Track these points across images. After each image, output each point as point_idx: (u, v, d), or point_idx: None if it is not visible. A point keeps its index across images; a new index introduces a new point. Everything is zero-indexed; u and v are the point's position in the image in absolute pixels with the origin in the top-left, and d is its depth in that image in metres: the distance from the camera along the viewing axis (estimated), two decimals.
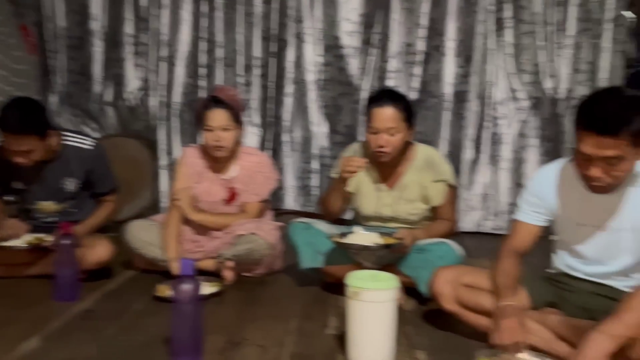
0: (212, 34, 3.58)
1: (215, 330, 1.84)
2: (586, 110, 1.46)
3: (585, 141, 1.44)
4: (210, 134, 2.41)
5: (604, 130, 1.39)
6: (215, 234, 2.50)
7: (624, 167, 1.43)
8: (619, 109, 1.40)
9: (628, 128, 1.38)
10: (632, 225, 1.55)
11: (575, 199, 1.64)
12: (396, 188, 2.32)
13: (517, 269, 1.69)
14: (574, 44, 3.44)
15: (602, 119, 1.40)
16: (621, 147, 1.40)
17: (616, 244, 1.59)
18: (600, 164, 1.44)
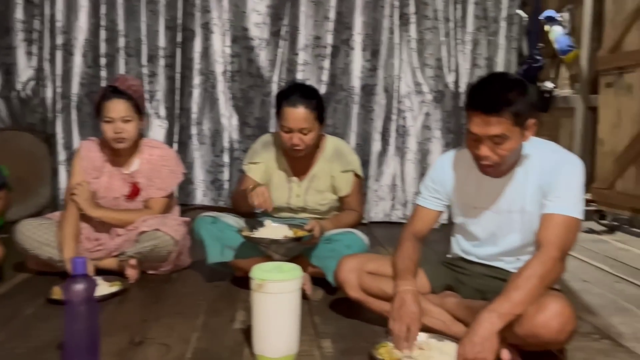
0: (113, 22, 3.41)
1: (116, 331, 1.76)
2: (473, 92, 1.57)
3: (473, 121, 1.53)
4: (109, 126, 2.30)
5: (488, 109, 1.49)
6: (117, 231, 2.39)
7: (508, 145, 1.53)
8: (502, 90, 1.50)
9: (510, 107, 1.48)
10: (520, 206, 1.65)
11: (470, 183, 1.73)
12: (306, 179, 2.34)
13: (417, 253, 1.75)
14: (473, 40, 3.62)
15: (487, 98, 1.50)
16: (505, 126, 1.49)
17: (506, 225, 1.69)
18: (487, 142, 1.53)
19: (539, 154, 1.63)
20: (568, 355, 1.61)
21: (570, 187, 1.56)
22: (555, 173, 1.58)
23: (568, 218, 1.53)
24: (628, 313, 2.02)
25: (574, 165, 1.60)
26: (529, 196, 1.63)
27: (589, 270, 2.64)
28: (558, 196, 1.55)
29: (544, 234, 1.53)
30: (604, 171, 3.66)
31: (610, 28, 3.63)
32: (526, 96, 1.52)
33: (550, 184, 1.58)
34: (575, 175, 1.58)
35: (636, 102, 3.39)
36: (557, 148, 1.69)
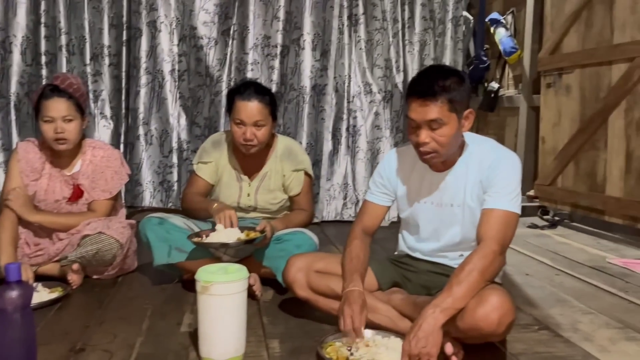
0: (54, 19, 3.29)
1: (55, 338, 1.70)
2: (412, 81, 1.65)
3: (412, 108, 1.60)
4: (49, 126, 2.22)
5: (425, 93, 1.56)
6: (59, 235, 2.31)
7: (446, 131, 1.58)
8: (439, 77, 1.58)
9: (446, 93, 1.55)
10: (461, 200, 1.70)
11: (415, 177, 1.78)
12: (257, 178, 2.33)
13: (366, 251, 1.78)
14: (420, 41, 3.69)
15: (424, 84, 1.58)
16: (441, 110, 1.55)
17: (448, 219, 1.73)
18: (426, 128, 1.58)
19: (478, 150, 1.69)
20: (508, 347, 1.66)
21: (508, 183, 1.61)
22: (494, 169, 1.63)
23: (507, 213, 1.59)
24: (566, 304, 2.10)
25: (511, 161, 1.66)
26: (469, 190, 1.68)
27: (532, 264, 2.73)
28: (497, 192, 1.61)
29: (484, 228, 1.58)
30: (546, 168, 3.80)
31: (550, 30, 3.77)
32: (462, 85, 1.59)
33: (490, 179, 1.63)
34: (513, 171, 1.64)
35: (575, 101, 3.54)
36: (495, 145, 1.74)
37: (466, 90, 1.62)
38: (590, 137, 3.38)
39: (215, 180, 2.36)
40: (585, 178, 3.45)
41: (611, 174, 3.23)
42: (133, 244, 2.38)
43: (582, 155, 3.47)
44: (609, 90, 3.23)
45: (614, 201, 3.18)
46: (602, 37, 3.30)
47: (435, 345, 1.41)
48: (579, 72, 3.49)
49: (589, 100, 3.42)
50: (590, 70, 3.39)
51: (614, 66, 3.20)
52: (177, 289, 2.22)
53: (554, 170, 3.70)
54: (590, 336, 1.77)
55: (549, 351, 1.65)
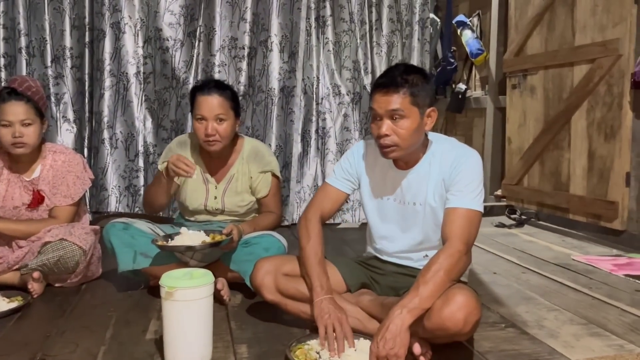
0: (13, 20, 3.19)
1: (14, 349, 1.64)
2: (379, 77, 1.69)
3: (375, 99, 1.63)
4: (7, 130, 2.15)
5: (388, 85, 1.60)
6: (19, 243, 2.25)
7: (407, 124, 1.60)
8: (402, 71, 1.62)
9: (408, 86, 1.59)
10: (423, 199, 1.71)
11: (378, 172, 1.79)
12: (224, 180, 2.30)
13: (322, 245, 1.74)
14: (388, 42, 3.71)
15: (388, 77, 1.63)
16: (403, 102, 1.59)
17: (410, 218, 1.74)
18: (387, 120, 1.61)
19: (440, 149, 1.71)
20: (475, 345, 1.68)
21: (470, 181, 1.63)
22: (455, 167, 1.65)
23: (470, 211, 1.60)
24: (532, 302, 2.13)
25: (473, 160, 1.67)
26: (432, 189, 1.69)
27: (499, 262, 2.77)
28: (460, 190, 1.62)
29: (449, 228, 1.59)
30: (512, 168, 3.87)
31: (514, 33, 3.84)
32: (426, 82, 1.63)
33: (452, 178, 1.64)
34: (475, 169, 1.66)
35: (539, 102, 3.61)
36: (457, 143, 1.76)
37: (429, 88, 1.64)
38: (554, 137, 3.45)
39: (181, 182, 2.32)
40: (550, 177, 3.52)
41: (574, 173, 3.31)
42: (97, 250, 2.33)
43: (547, 155, 3.54)
44: (571, 91, 3.30)
45: (578, 199, 3.25)
46: (564, 39, 3.38)
47: (403, 346, 1.41)
48: (543, 74, 3.56)
49: (552, 101, 3.49)
50: (553, 71, 3.47)
51: (575, 67, 3.28)
52: (143, 295, 2.17)
53: (520, 170, 3.76)
54: (556, 332, 1.80)
55: (515, 348, 1.67)
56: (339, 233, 3.32)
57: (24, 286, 2.14)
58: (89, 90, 3.35)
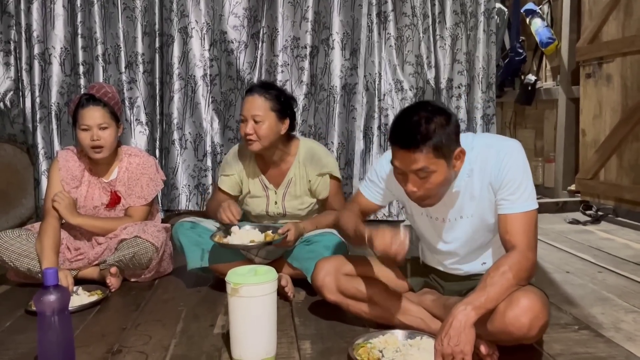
0: (90, 30, 3.39)
1: (94, 340, 1.75)
2: (393, 126, 1.51)
3: (395, 156, 1.49)
4: (86, 134, 2.29)
5: (407, 144, 1.44)
6: (98, 240, 2.39)
7: (435, 179, 1.48)
8: (420, 123, 1.43)
9: (429, 141, 1.43)
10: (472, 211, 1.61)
11: None
12: (282, 185, 2.32)
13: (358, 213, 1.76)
14: (452, 35, 3.62)
15: (405, 133, 1.45)
16: (427, 160, 1.44)
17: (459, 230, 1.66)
18: (413, 177, 1.49)
19: (476, 154, 1.58)
20: (545, 347, 1.61)
21: (520, 181, 1.53)
22: (500, 167, 1.54)
23: (527, 214, 1.52)
24: (608, 303, 2.02)
25: (515, 154, 1.56)
26: (478, 197, 1.59)
27: (572, 261, 2.65)
28: (512, 193, 1.52)
29: (511, 234, 1.51)
30: (587, 162, 3.68)
31: (589, 19, 3.65)
32: (448, 126, 1.46)
33: (499, 179, 1.54)
34: (519, 164, 1.55)
35: (616, 92, 3.41)
36: (491, 139, 1.64)
37: (453, 129, 1.48)
38: (634, 128, 3.25)
39: (238, 192, 2.35)
40: (629, 171, 3.32)
41: None
42: (169, 247, 2.44)
43: (625, 147, 3.34)
44: None
45: None
46: None
47: (469, 343, 1.36)
48: (620, 61, 3.36)
49: (630, 90, 3.28)
50: (632, 58, 3.26)
51: None
52: (211, 291, 2.25)
53: (595, 163, 3.57)
54: (634, 336, 1.70)
55: (589, 352, 1.60)
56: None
57: (102, 281, 2.27)
58: (160, 93, 3.50)
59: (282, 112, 2.22)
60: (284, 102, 2.24)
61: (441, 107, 1.52)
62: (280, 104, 2.21)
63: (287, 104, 2.25)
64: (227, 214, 2.07)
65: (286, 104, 2.24)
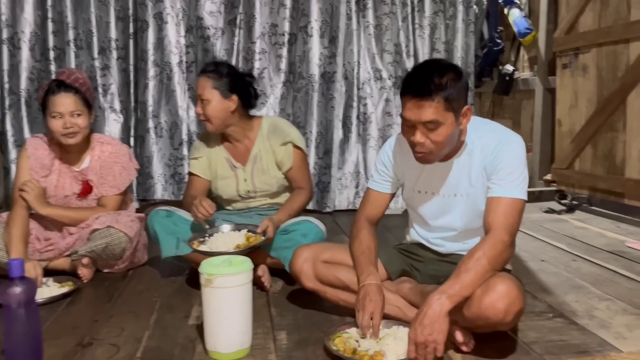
0: (61, 14, 3.29)
1: (64, 333, 1.70)
2: (407, 78, 1.55)
3: (406, 106, 1.51)
4: (58, 121, 2.22)
5: (421, 92, 1.47)
6: (69, 230, 2.32)
7: (443, 131, 1.50)
8: (434, 74, 1.48)
9: (442, 91, 1.46)
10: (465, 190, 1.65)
11: (413, 167, 1.72)
12: (249, 162, 2.31)
13: (374, 240, 1.74)
14: (431, 24, 3.61)
15: (419, 82, 1.48)
16: (437, 111, 1.47)
17: (450, 208, 1.69)
18: (421, 128, 1.51)
19: (480, 136, 1.62)
20: (521, 335, 1.62)
21: (513, 169, 1.55)
22: (497, 154, 1.57)
23: (514, 200, 1.53)
24: (582, 291, 2.05)
25: (514, 145, 1.59)
26: (474, 179, 1.63)
27: (548, 249, 2.67)
28: (502, 179, 1.55)
29: (492, 217, 1.53)
30: (563, 151, 3.71)
31: (565, 10, 3.66)
32: (459, 81, 1.50)
33: (494, 165, 1.57)
34: (517, 155, 1.58)
35: (591, 82, 3.44)
36: (499, 128, 1.67)
37: (464, 86, 1.53)
38: (608, 118, 3.28)
39: (210, 175, 2.35)
40: (603, 160, 3.36)
41: (630, 156, 3.14)
42: (143, 237, 2.39)
43: (600, 137, 3.38)
44: (627, 69, 3.13)
45: (634, 183, 3.09)
46: (619, 14, 3.19)
47: (442, 332, 1.37)
48: (596, 52, 3.38)
49: (606, 80, 3.32)
50: (607, 49, 3.29)
51: (631, 44, 3.10)
52: (187, 281, 2.21)
53: (571, 153, 3.61)
54: (607, 323, 1.72)
55: (563, 339, 1.61)
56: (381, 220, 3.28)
57: (74, 272, 2.22)
58: (134, 80, 3.43)
59: (226, 89, 2.20)
60: (230, 79, 2.22)
61: (452, 63, 1.57)
62: (224, 82, 2.20)
63: (235, 81, 2.23)
64: (200, 211, 2.05)
65: (233, 81, 2.22)
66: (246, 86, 2.29)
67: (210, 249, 1.97)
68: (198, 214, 2.06)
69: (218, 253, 1.88)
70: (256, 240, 2.02)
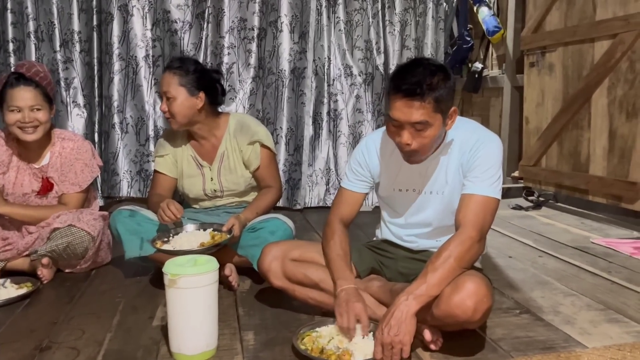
0: (21, 5, 3.17)
1: (21, 336, 1.64)
2: (396, 77, 1.51)
3: (395, 107, 1.49)
4: (16, 115, 2.13)
5: (411, 93, 1.44)
6: (29, 229, 2.25)
7: (430, 132, 1.49)
8: (425, 75, 1.46)
9: (432, 92, 1.44)
10: (442, 188, 1.65)
11: (393, 165, 1.71)
12: (216, 160, 2.27)
13: (347, 242, 1.72)
14: (401, 21, 3.60)
15: (410, 83, 1.45)
16: (427, 112, 1.45)
17: (426, 206, 1.69)
18: (409, 129, 1.49)
19: (459, 134, 1.62)
20: (488, 332, 1.63)
21: (488, 167, 1.56)
22: (474, 152, 1.58)
23: (486, 198, 1.53)
24: (548, 287, 2.07)
25: (492, 145, 1.60)
26: (450, 176, 1.63)
27: (515, 246, 2.70)
28: (477, 176, 1.55)
29: (463, 214, 1.53)
30: (530, 149, 3.77)
31: (533, 9, 3.71)
32: (448, 82, 1.49)
33: (470, 163, 1.58)
34: (494, 155, 1.58)
35: (558, 80, 3.49)
36: (476, 127, 1.68)
37: (451, 87, 1.51)
38: (574, 116, 3.34)
39: (176, 173, 2.30)
40: (568, 158, 3.42)
41: (594, 153, 3.20)
42: (106, 236, 2.32)
43: (565, 135, 3.43)
44: (592, 68, 3.18)
45: (598, 180, 3.15)
46: (585, 13, 3.25)
47: (408, 333, 1.37)
48: (562, 50, 3.44)
49: (572, 79, 3.37)
50: (573, 48, 3.34)
51: (596, 43, 3.16)
52: (152, 281, 2.16)
53: (537, 150, 3.66)
54: (572, 319, 1.74)
55: (529, 335, 1.62)
56: None
57: (33, 272, 2.14)
58: (98, 74, 3.33)
59: (193, 86, 2.15)
60: (197, 76, 2.16)
61: (441, 63, 1.55)
62: (190, 79, 2.15)
63: (202, 77, 2.18)
64: (168, 215, 1.98)
65: (200, 77, 2.17)
66: (213, 83, 2.24)
67: (174, 248, 1.92)
68: (165, 217, 1.99)
69: (183, 252, 1.83)
70: (222, 238, 1.98)
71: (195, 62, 2.25)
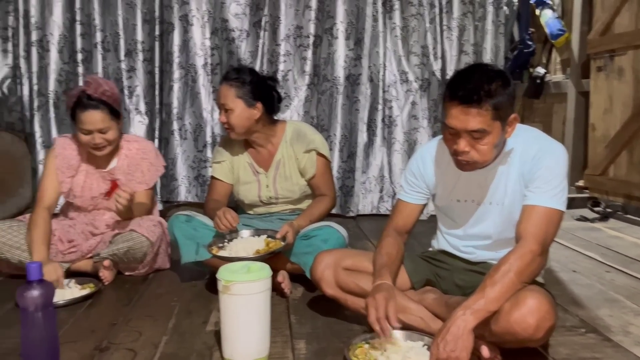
0: (89, 16, 3.32)
1: (82, 336, 1.69)
2: (453, 83, 1.47)
3: (451, 114, 1.44)
4: (87, 137, 2.21)
5: (468, 100, 1.40)
6: (93, 232, 2.33)
7: (488, 140, 1.44)
8: (483, 81, 1.41)
9: (490, 99, 1.40)
10: (501, 198, 1.59)
11: (450, 175, 1.65)
12: (272, 168, 2.28)
13: (397, 248, 1.68)
14: (459, 26, 3.53)
15: (467, 89, 1.41)
16: (485, 119, 1.41)
17: (486, 217, 1.62)
18: (466, 137, 1.44)
19: (520, 142, 1.55)
20: (551, 351, 1.54)
21: (552, 178, 1.48)
22: (537, 162, 1.51)
23: (549, 210, 1.46)
24: (617, 305, 1.95)
25: (556, 154, 1.52)
26: (510, 186, 1.56)
27: (580, 259, 2.57)
28: (539, 187, 1.48)
29: (524, 226, 1.46)
30: (596, 157, 3.59)
31: (601, 10, 3.54)
32: (507, 89, 1.43)
33: (532, 173, 1.51)
34: (558, 164, 1.50)
35: (627, 85, 3.31)
36: (539, 135, 1.61)
37: (511, 93, 1.45)
38: None
39: (232, 179, 2.33)
40: (639, 167, 3.23)
41: None
42: (164, 242, 2.36)
43: (636, 143, 3.24)
44: None
45: None
46: None
47: (465, 349, 1.31)
48: (632, 54, 3.25)
49: None
50: None
51: None
52: (207, 285, 2.19)
53: (605, 159, 3.48)
54: None
55: (596, 357, 1.52)
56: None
57: (96, 273, 2.22)
58: (159, 82, 3.44)
59: (250, 97, 2.16)
60: (253, 87, 2.17)
61: (500, 69, 1.50)
62: (247, 90, 2.16)
63: (258, 87, 2.19)
64: (224, 223, 2.00)
65: (257, 88, 2.18)
66: (270, 91, 2.25)
67: (229, 255, 1.94)
68: (221, 226, 2.02)
69: (237, 258, 1.85)
70: (276, 245, 1.98)
71: (252, 71, 2.27)
